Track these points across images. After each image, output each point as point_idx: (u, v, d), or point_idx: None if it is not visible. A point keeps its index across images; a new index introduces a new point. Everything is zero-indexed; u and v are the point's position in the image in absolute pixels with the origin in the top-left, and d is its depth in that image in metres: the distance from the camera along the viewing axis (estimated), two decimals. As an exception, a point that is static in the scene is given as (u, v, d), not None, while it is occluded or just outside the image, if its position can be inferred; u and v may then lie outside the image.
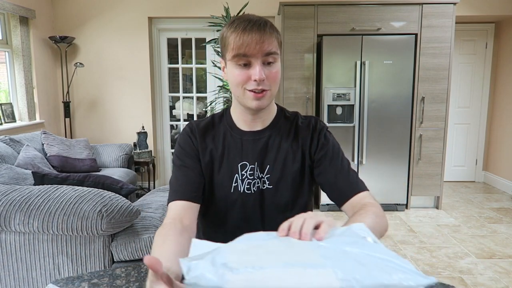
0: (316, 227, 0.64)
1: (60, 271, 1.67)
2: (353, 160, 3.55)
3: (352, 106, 3.50)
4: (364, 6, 3.43)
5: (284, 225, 0.64)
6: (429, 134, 3.55)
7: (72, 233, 1.60)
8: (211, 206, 1.03)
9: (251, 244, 0.59)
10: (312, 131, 1.02)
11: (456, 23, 3.62)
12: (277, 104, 1.08)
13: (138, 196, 3.72)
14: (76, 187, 1.72)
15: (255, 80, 0.89)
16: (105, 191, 1.72)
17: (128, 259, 1.68)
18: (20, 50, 3.60)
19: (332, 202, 3.87)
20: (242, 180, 0.99)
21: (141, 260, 1.69)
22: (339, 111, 3.52)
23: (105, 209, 1.59)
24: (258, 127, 1.01)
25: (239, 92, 0.93)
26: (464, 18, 4.05)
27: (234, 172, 0.99)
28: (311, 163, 1.02)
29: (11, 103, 3.63)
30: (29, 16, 3.62)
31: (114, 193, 1.73)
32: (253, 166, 0.99)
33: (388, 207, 3.63)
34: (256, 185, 0.99)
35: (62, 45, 4.01)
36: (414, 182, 3.60)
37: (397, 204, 3.62)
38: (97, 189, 1.71)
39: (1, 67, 3.66)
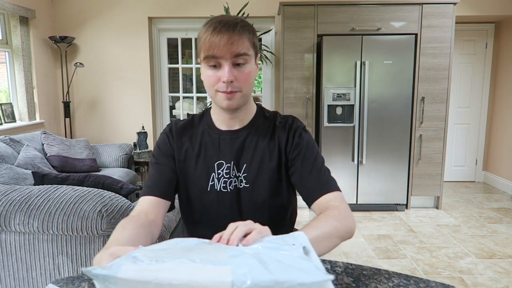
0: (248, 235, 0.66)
1: (60, 271, 1.67)
2: (353, 160, 3.55)
3: (352, 106, 3.50)
4: (364, 6, 3.43)
5: (217, 234, 0.68)
6: (429, 134, 3.55)
7: (72, 233, 1.60)
8: (189, 204, 1.05)
9: (177, 245, 0.61)
10: (288, 131, 1.03)
11: (456, 23, 3.62)
12: (257, 104, 1.09)
13: (138, 196, 3.72)
14: (76, 187, 1.72)
15: (224, 82, 0.90)
16: (105, 191, 1.72)
17: (128, 259, 1.68)
18: (20, 50, 3.60)
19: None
20: (219, 179, 1.00)
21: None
22: (339, 111, 3.52)
23: (105, 209, 1.59)
24: (236, 126, 1.03)
25: (212, 93, 0.95)
26: (464, 18, 4.05)
27: (211, 170, 1.01)
28: (287, 162, 1.02)
29: (11, 103, 3.63)
30: (29, 16, 3.62)
31: (114, 193, 1.73)
32: (229, 165, 1.00)
33: (388, 207, 3.63)
34: (233, 183, 1.00)
35: (62, 45, 4.01)
36: (414, 182, 3.60)
37: (397, 204, 3.63)
38: (97, 189, 1.71)
39: (1, 67, 3.66)
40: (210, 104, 3.93)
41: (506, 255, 2.69)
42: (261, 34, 3.95)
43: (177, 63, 4.33)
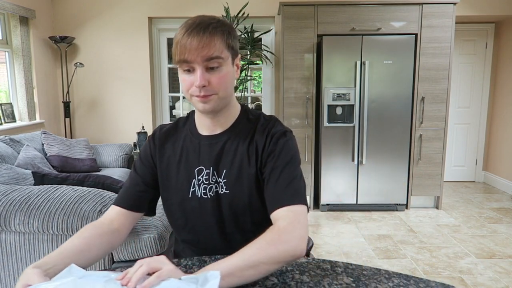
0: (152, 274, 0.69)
1: (60, 271, 1.67)
2: (353, 160, 3.55)
3: (352, 106, 3.50)
4: (364, 6, 3.43)
5: (125, 270, 0.70)
6: (429, 134, 3.55)
7: (72, 233, 1.59)
8: (172, 211, 1.04)
9: (78, 281, 0.67)
10: (266, 135, 0.96)
11: (456, 23, 3.62)
12: (242, 105, 1.05)
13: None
14: (76, 187, 1.72)
15: (196, 86, 0.88)
16: (105, 191, 1.72)
17: (128, 259, 1.68)
18: (20, 50, 3.60)
19: (332, 202, 3.85)
20: (199, 185, 0.98)
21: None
22: (339, 111, 3.52)
23: (105, 209, 1.59)
24: (218, 130, 0.99)
25: (188, 97, 0.93)
26: (464, 18, 4.05)
27: (192, 177, 0.99)
28: (261, 168, 0.96)
29: (11, 103, 3.63)
30: (29, 16, 3.62)
31: (114, 193, 1.73)
32: (208, 170, 0.98)
33: (388, 207, 3.64)
34: (214, 189, 0.97)
35: (62, 45, 4.01)
36: (414, 182, 3.60)
37: (397, 204, 3.63)
38: (97, 189, 1.71)
39: (1, 67, 3.66)
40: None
41: (506, 255, 2.69)
42: (261, 34, 3.96)
43: (177, 63, 4.32)
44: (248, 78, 4.12)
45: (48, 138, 3.14)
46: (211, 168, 0.97)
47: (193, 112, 1.06)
